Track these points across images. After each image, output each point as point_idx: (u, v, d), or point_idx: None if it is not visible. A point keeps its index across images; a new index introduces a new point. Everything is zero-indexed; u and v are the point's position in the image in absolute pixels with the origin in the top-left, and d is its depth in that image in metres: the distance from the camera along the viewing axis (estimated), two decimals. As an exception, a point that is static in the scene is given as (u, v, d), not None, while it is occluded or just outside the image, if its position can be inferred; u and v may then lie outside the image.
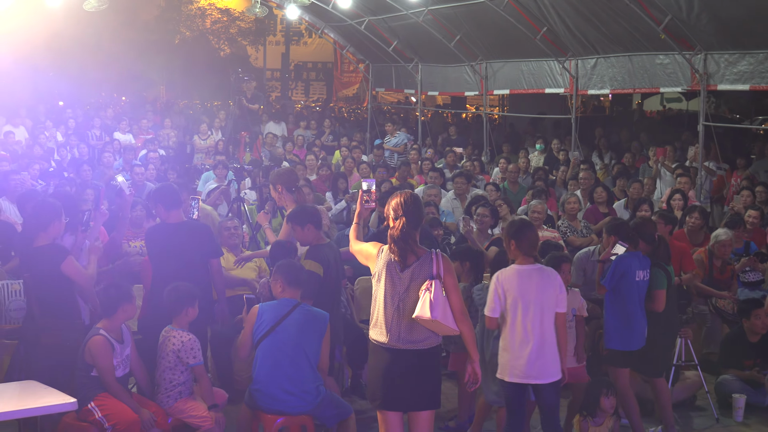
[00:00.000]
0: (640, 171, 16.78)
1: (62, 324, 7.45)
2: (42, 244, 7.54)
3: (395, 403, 6.38)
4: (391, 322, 6.30)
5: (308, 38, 37.19)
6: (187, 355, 7.30)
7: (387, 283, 6.34)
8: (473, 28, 18.67)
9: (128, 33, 26.03)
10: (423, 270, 6.31)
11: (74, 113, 22.70)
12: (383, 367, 6.35)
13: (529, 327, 6.96)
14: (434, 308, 6.16)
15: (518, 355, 6.96)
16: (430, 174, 14.62)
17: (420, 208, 6.46)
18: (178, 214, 8.15)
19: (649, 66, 15.43)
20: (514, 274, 7.05)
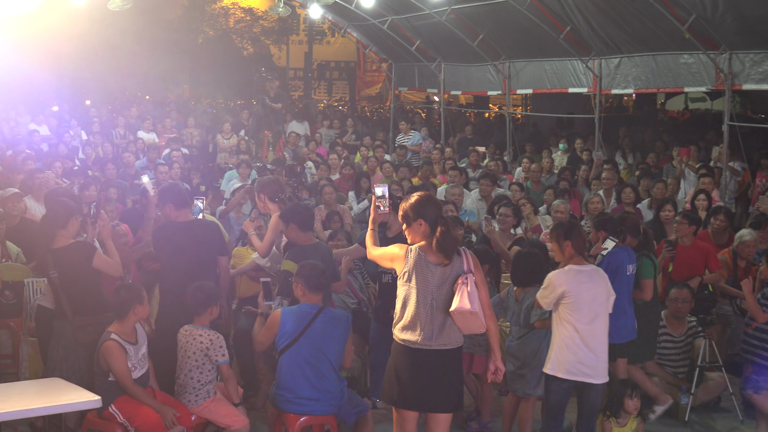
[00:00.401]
0: (663, 171, 16.70)
1: (96, 320, 7.50)
2: (65, 243, 7.59)
3: (420, 403, 6.37)
4: (425, 322, 6.28)
5: (331, 37, 37.17)
6: (216, 353, 7.32)
7: (419, 282, 6.31)
8: (496, 27, 18.64)
9: (152, 32, 26.08)
10: (454, 267, 6.33)
11: (98, 112, 22.82)
12: (411, 367, 6.32)
13: (589, 327, 7.06)
14: (473, 300, 6.19)
15: (579, 354, 7.06)
16: (451, 173, 14.61)
17: (441, 208, 6.55)
18: (186, 213, 8.18)
19: (673, 65, 15.36)
20: (576, 275, 7.13)
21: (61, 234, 7.59)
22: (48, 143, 18.18)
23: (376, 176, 15.91)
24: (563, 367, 7.10)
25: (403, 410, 6.42)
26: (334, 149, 19.35)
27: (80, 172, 14.46)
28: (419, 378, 6.31)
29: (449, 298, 6.26)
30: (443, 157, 17.72)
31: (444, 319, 6.28)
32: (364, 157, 18.24)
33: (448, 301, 6.26)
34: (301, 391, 7.04)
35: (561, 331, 7.12)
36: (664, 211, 11.73)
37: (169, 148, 17.55)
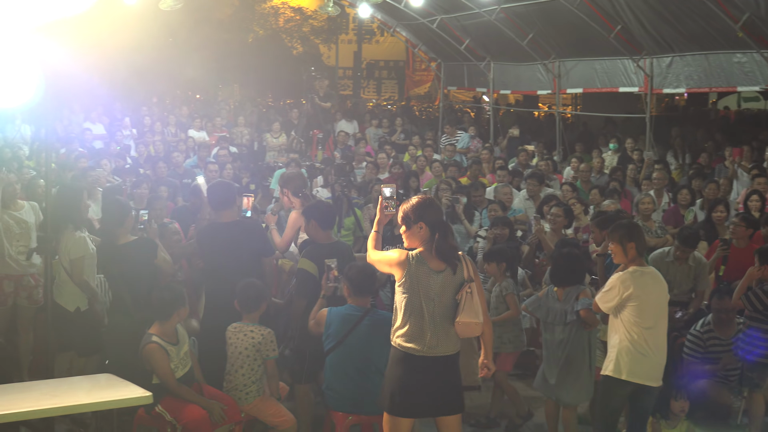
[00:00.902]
0: (716, 171, 16.51)
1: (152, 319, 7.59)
2: (127, 239, 7.73)
3: (420, 410, 6.31)
4: (427, 330, 6.18)
5: (380, 37, 37.21)
6: (267, 348, 7.38)
7: (421, 289, 6.20)
8: (546, 26, 18.55)
9: (203, 32, 26.29)
10: (456, 274, 6.24)
11: (150, 111, 23.04)
12: (416, 375, 6.21)
13: (654, 329, 7.00)
14: (479, 311, 6.16)
15: (643, 357, 6.98)
16: (499, 173, 14.56)
17: (441, 212, 6.49)
18: (231, 213, 8.15)
19: (726, 64, 15.17)
20: (641, 277, 7.02)
21: (120, 231, 7.71)
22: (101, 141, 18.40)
23: (425, 175, 15.90)
24: (627, 369, 7.00)
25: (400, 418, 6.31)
26: (383, 148, 19.36)
27: (131, 170, 14.61)
28: (425, 385, 6.21)
29: (450, 306, 6.18)
30: (492, 156, 17.65)
31: (445, 326, 6.19)
32: (413, 156, 18.22)
33: (449, 308, 6.18)
34: (347, 392, 7.08)
35: (625, 334, 7.02)
36: (716, 212, 11.61)
37: (218, 146, 17.67)
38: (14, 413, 5.98)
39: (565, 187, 13.58)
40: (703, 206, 13.00)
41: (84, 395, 6.39)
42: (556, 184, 14.66)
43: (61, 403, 6.17)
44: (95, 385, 6.69)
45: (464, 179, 15.36)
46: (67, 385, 6.65)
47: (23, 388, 6.67)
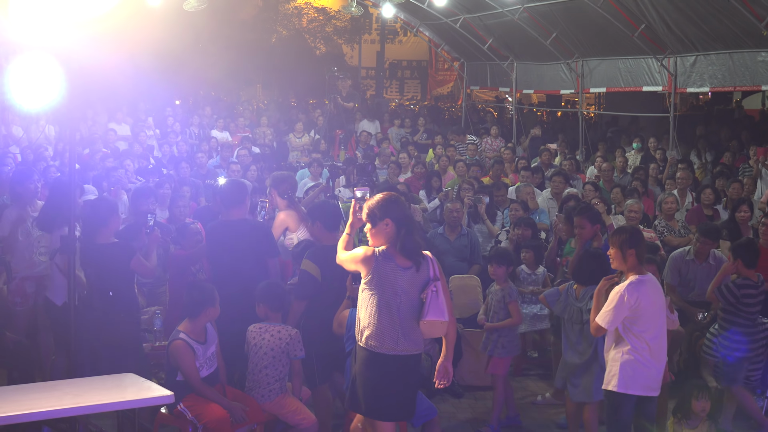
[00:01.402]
0: (739, 170, 16.42)
1: (122, 319, 7.68)
2: (107, 241, 7.77)
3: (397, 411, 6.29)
4: (393, 328, 6.14)
5: (403, 36, 37.25)
6: (295, 348, 7.40)
7: (387, 287, 6.15)
8: (569, 25, 18.49)
9: (226, 32, 26.37)
10: (422, 273, 6.20)
11: (173, 111, 23.14)
12: (384, 374, 6.19)
13: (657, 339, 6.88)
14: (444, 311, 6.11)
15: (648, 368, 6.86)
16: (523, 173, 14.52)
17: (408, 209, 6.45)
18: (240, 212, 8.15)
19: (750, 63, 15.06)
20: (644, 285, 6.86)
21: (102, 231, 7.74)
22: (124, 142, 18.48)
23: (447, 175, 15.89)
24: (633, 382, 6.87)
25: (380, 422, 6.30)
26: (405, 148, 19.36)
27: (154, 170, 14.67)
28: (392, 385, 6.20)
29: (416, 304, 6.14)
30: (514, 156, 17.61)
31: (410, 324, 6.15)
32: (437, 155, 18.20)
33: (415, 306, 6.14)
34: None
35: (627, 346, 6.85)
36: (740, 211, 11.54)
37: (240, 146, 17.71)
38: (37, 413, 6.02)
39: (587, 186, 13.53)
40: (726, 206, 12.92)
41: (106, 395, 6.42)
42: (579, 184, 14.60)
43: (84, 403, 6.20)
44: (118, 384, 6.72)
45: (486, 179, 15.34)
46: (90, 385, 6.68)
47: (46, 388, 6.70)
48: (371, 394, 6.24)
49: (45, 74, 6.67)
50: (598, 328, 6.87)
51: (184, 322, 7.29)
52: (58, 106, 7.01)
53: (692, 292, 9.99)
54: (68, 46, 6.87)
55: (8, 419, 5.85)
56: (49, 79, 6.69)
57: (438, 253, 10.97)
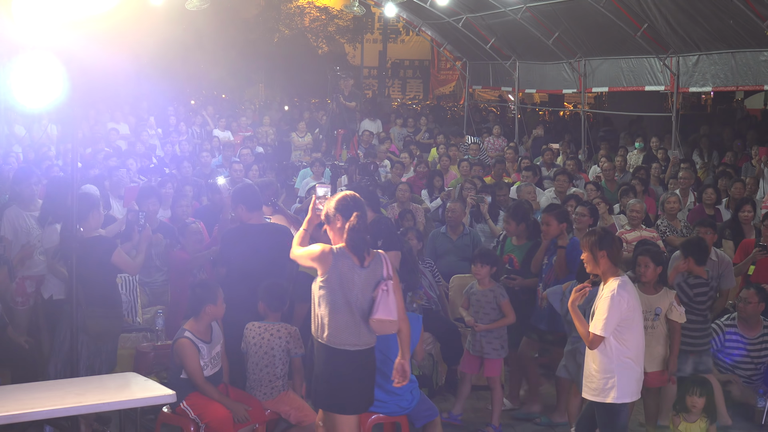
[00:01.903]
0: (742, 170, 16.40)
1: (106, 313, 7.67)
2: (88, 235, 7.76)
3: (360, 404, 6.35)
4: (352, 324, 6.20)
5: (405, 36, 37.26)
6: (296, 345, 7.44)
7: (344, 284, 6.19)
8: (572, 24, 18.49)
9: (228, 32, 26.38)
10: (376, 271, 6.25)
11: (176, 110, 23.17)
12: (345, 370, 6.24)
13: (641, 343, 6.86)
14: (393, 310, 6.14)
15: (638, 372, 6.84)
16: (525, 173, 14.52)
17: (364, 208, 6.36)
18: (259, 216, 8.13)
19: (753, 63, 15.05)
20: (630, 287, 6.82)
21: (84, 226, 7.75)
22: (126, 141, 18.50)
23: (449, 175, 15.90)
24: (630, 390, 6.79)
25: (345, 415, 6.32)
26: (408, 148, 19.36)
27: (156, 169, 14.68)
28: (353, 379, 6.25)
29: (369, 302, 6.18)
30: (518, 156, 17.61)
31: (363, 320, 6.20)
32: (439, 155, 18.20)
33: (367, 304, 6.18)
34: None
35: (620, 354, 6.73)
36: (743, 211, 11.54)
37: (243, 146, 17.72)
38: (39, 411, 6.03)
39: (589, 186, 13.54)
40: (728, 205, 12.92)
41: (109, 394, 6.43)
42: (582, 184, 14.61)
43: (86, 402, 6.21)
44: (120, 383, 6.73)
45: (488, 178, 15.34)
46: (92, 384, 6.69)
47: (48, 387, 6.71)
48: (334, 389, 6.28)
49: (47, 73, 6.68)
50: (595, 339, 6.69)
51: (189, 321, 7.30)
52: (61, 106, 7.02)
53: (694, 291, 9.99)
54: (70, 46, 6.88)
55: (11, 418, 5.87)
56: (52, 79, 6.69)
57: (440, 252, 11.07)
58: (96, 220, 7.96)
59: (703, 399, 7.73)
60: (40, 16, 6.76)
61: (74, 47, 6.91)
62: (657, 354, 7.90)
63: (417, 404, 7.20)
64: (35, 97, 6.77)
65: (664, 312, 7.89)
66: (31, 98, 6.79)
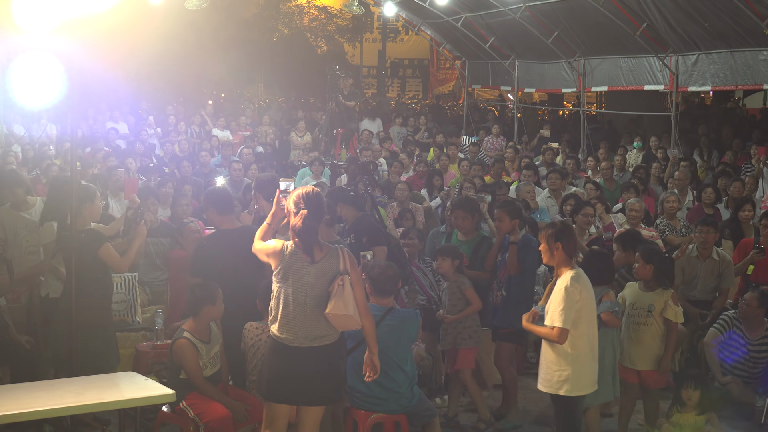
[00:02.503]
0: (741, 169, 16.40)
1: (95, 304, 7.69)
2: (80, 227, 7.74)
3: (292, 397, 6.35)
4: (299, 320, 6.23)
5: (405, 35, 37.19)
6: None
7: (294, 279, 6.23)
8: (571, 24, 18.49)
9: (228, 31, 26.36)
10: (330, 265, 6.25)
11: (175, 110, 23.17)
12: (284, 364, 6.29)
13: (594, 336, 6.89)
14: (348, 303, 6.13)
15: (594, 365, 6.87)
16: (525, 172, 14.50)
17: (321, 203, 6.35)
18: (231, 220, 7.92)
19: (752, 62, 15.05)
20: (585, 280, 6.84)
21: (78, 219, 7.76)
22: (125, 140, 18.51)
23: (448, 174, 15.89)
24: (584, 383, 6.83)
25: (275, 404, 6.38)
26: (407, 147, 19.34)
27: (156, 169, 14.68)
28: (293, 375, 6.27)
29: (324, 296, 6.19)
30: (518, 155, 17.61)
31: (318, 316, 6.21)
32: (437, 154, 18.20)
33: (323, 298, 6.19)
34: (369, 390, 7.08)
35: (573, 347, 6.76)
36: (743, 211, 11.54)
37: (243, 145, 17.71)
38: (39, 411, 6.03)
39: (588, 185, 13.53)
40: (728, 205, 12.91)
41: (108, 393, 6.43)
42: (581, 183, 14.59)
43: (85, 401, 6.21)
44: (119, 383, 6.73)
45: (488, 177, 15.34)
46: (91, 383, 6.69)
47: (48, 386, 6.70)
48: (273, 379, 6.35)
49: (46, 73, 6.68)
50: (561, 332, 6.70)
51: (188, 321, 7.29)
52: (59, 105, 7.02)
53: (694, 290, 10.01)
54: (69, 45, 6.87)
55: (9, 417, 5.86)
56: (51, 78, 6.69)
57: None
58: (90, 212, 7.94)
59: (698, 392, 7.76)
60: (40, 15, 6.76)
61: (73, 46, 6.91)
62: (652, 352, 7.94)
63: (417, 404, 7.19)
64: (34, 95, 6.77)
65: (658, 310, 7.89)
66: (30, 97, 6.78)
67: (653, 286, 8.01)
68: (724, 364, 9.13)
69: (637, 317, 7.99)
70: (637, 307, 8.03)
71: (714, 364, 9.12)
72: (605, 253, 8.25)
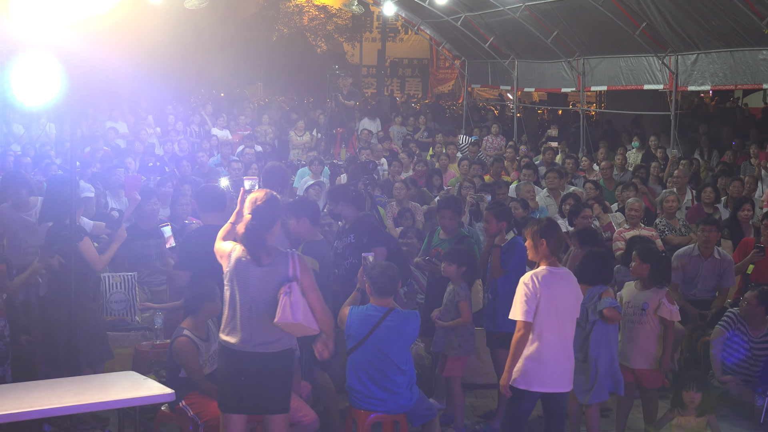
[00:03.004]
0: (741, 169, 16.41)
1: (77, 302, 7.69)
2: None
3: (242, 406, 6.21)
4: (244, 324, 6.11)
5: (404, 35, 37.21)
6: None
7: (239, 283, 6.15)
8: (571, 23, 18.49)
9: (227, 30, 26.37)
10: (278, 271, 6.12)
11: (174, 109, 23.15)
12: (232, 370, 6.16)
13: (561, 334, 6.76)
14: (296, 311, 5.99)
15: (551, 364, 6.73)
16: (524, 171, 14.50)
17: (272, 208, 6.20)
18: (216, 217, 7.81)
19: (751, 62, 15.05)
20: (550, 277, 6.77)
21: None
22: (125, 140, 18.50)
23: (448, 174, 15.89)
24: (534, 379, 6.74)
25: (227, 414, 6.25)
26: (407, 147, 19.35)
27: (155, 168, 14.67)
28: (240, 379, 6.15)
29: (272, 303, 6.06)
30: (517, 155, 17.59)
31: (266, 322, 6.08)
32: (436, 154, 18.19)
33: (271, 305, 6.06)
34: (368, 391, 7.08)
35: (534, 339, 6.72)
36: (742, 210, 11.54)
37: (243, 145, 17.69)
38: (38, 410, 6.03)
39: (588, 185, 13.52)
40: (727, 204, 12.92)
41: (107, 393, 6.42)
42: (581, 183, 14.59)
43: (85, 401, 6.21)
44: (118, 382, 6.73)
45: (487, 177, 15.33)
46: (91, 383, 6.69)
47: (47, 386, 6.70)
48: (222, 388, 6.27)
49: (46, 72, 6.68)
50: (520, 324, 6.72)
51: (187, 319, 7.27)
52: (59, 104, 7.02)
53: (694, 289, 10.01)
54: (69, 45, 6.87)
55: (10, 417, 5.86)
56: (50, 77, 6.69)
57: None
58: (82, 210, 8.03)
59: (700, 394, 7.75)
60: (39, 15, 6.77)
61: (73, 46, 6.91)
62: (647, 351, 7.97)
63: (416, 403, 7.19)
64: (34, 95, 6.77)
65: (653, 308, 7.92)
66: (29, 96, 6.78)
67: (648, 284, 8.07)
68: (724, 364, 9.13)
69: (632, 315, 8.04)
70: (632, 305, 8.08)
71: (716, 363, 9.11)
72: (603, 252, 8.23)
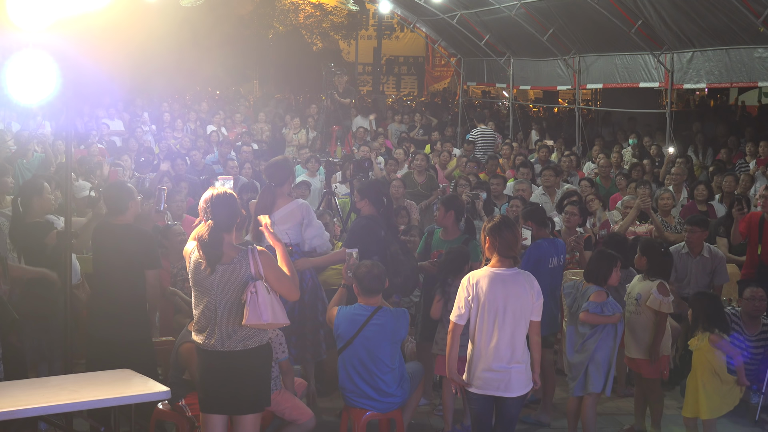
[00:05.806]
0: (736, 167, 16.42)
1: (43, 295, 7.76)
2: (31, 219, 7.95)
3: (217, 406, 6.14)
4: (212, 324, 6.04)
5: (400, 32, 37.28)
6: (276, 350, 7.31)
7: (200, 285, 6.09)
8: (566, 21, 18.50)
9: (223, 28, 26.37)
10: (239, 270, 6.01)
11: (170, 107, 23.12)
12: (205, 369, 6.12)
13: (501, 336, 6.51)
14: (264, 311, 5.90)
15: (489, 366, 6.54)
16: (521, 170, 14.50)
17: (229, 206, 6.09)
18: (125, 217, 7.67)
19: (747, 60, 15.05)
20: (486, 277, 6.56)
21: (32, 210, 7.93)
22: (120, 138, 18.47)
23: (446, 171, 15.92)
24: (477, 381, 6.61)
25: (206, 414, 6.19)
26: (402, 144, 19.33)
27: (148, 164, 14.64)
28: (213, 381, 6.09)
29: (236, 302, 5.97)
30: (513, 152, 17.59)
31: (232, 322, 6.00)
32: (437, 151, 18.16)
33: (235, 304, 5.96)
34: (359, 390, 7.12)
35: (473, 341, 6.61)
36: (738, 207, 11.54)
37: (240, 142, 17.67)
38: (33, 408, 6.02)
39: (583, 183, 13.52)
40: (722, 200, 12.93)
41: (103, 390, 6.42)
42: (576, 180, 14.59)
43: (80, 398, 6.20)
44: (114, 380, 6.72)
45: (483, 174, 15.32)
46: (87, 380, 6.68)
47: (43, 383, 6.70)
48: (199, 388, 6.22)
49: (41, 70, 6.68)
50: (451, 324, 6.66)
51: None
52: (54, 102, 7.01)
53: (687, 287, 10.01)
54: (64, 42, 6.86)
55: (4, 414, 5.85)
56: (45, 75, 6.69)
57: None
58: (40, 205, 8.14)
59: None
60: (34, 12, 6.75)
61: (68, 44, 6.90)
62: (642, 341, 8.14)
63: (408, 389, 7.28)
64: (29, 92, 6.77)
65: (644, 299, 8.09)
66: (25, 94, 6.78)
67: (647, 277, 8.28)
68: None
69: (630, 306, 8.27)
70: (630, 296, 8.32)
71: None
72: (609, 254, 8.14)
